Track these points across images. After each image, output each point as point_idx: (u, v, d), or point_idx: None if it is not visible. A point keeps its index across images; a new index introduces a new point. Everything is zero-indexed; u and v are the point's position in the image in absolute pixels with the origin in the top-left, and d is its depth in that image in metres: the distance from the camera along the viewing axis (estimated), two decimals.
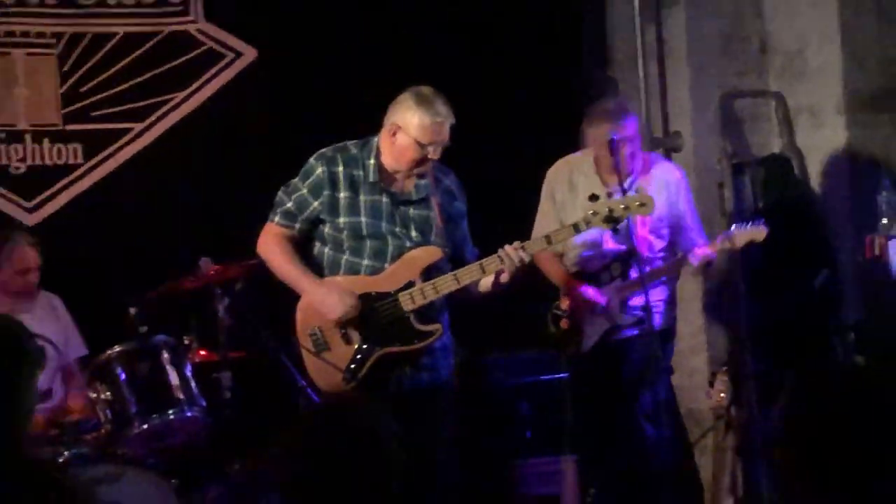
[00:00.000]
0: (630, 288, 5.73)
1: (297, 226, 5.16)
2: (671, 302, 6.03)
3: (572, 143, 6.13)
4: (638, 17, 7.05)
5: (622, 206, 5.04)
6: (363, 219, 5.12)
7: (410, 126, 4.96)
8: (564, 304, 5.94)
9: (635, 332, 5.79)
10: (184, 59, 6.97)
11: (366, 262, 5.14)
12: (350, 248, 5.15)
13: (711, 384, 6.04)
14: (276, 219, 5.17)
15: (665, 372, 6.05)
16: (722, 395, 5.93)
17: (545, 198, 6.03)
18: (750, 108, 7.06)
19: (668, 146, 6.88)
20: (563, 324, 5.90)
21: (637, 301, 5.75)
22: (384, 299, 5.05)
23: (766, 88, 7.08)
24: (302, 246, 5.24)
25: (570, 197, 5.94)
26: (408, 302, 5.02)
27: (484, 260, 5.03)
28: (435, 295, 5.02)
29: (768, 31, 7.07)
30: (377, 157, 5.09)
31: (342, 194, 5.10)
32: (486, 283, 5.08)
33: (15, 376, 2.89)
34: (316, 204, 5.11)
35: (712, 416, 6.15)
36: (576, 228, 5.09)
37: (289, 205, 5.14)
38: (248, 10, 7.07)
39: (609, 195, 5.43)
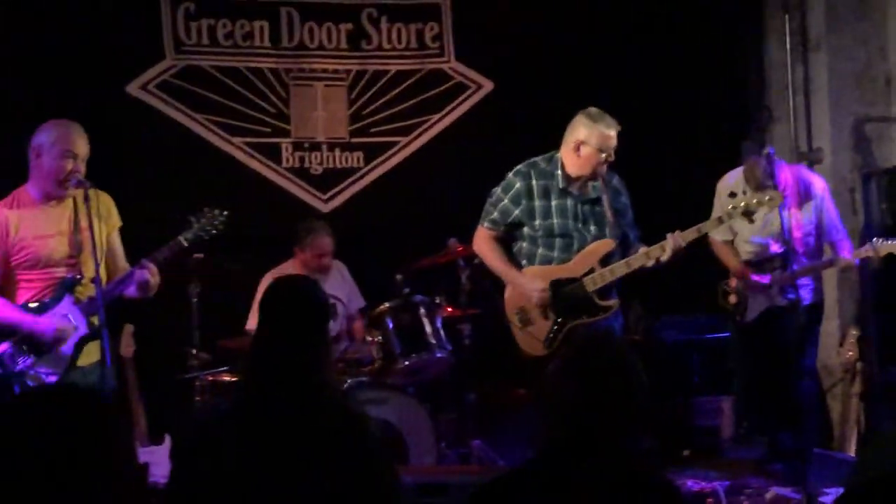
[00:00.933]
0: (787, 280, 6.09)
1: (502, 229, 5.63)
2: (819, 281, 6.43)
3: (737, 156, 6.50)
4: (789, 58, 7.77)
5: (755, 201, 5.48)
6: (555, 220, 5.54)
7: (592, 138, 5.43)
8: (733, 282, 6.39)
9: (791, 299, 6.09)
10: (439, 89, 7.91)
11: (556, 254, 5.57)
12: (543, 243, 5.58)
13: (842, 344, 6.89)
14: (486, 224, 5.67)
15: (817, 337, 6.54)
16: (850, 353, 6.73)
17: (717, 202, 6.40)
18: (877, 130, 7.59)
19: (811, 159, 7.47)
20: (731, 298, 6.39)
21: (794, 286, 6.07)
22: (572, 283, 5.51)
23: (889, 115, 7.63)
24: (505, 242, 5.69)
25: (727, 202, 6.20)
26: (590, 284, 5.48)
27: (649, 249, 5.40)
28: (611, 277, 5.47)
29: (892, 70, 7.63)
30: (562, 168, 5.53)
31: (537, 202, 5.54)
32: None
33: (322, 322, 3.23)
34: (517, 212, 5.56)
35: (841, 369, 6.95)
36: (720, 221, 5.60)
37: (494, 214, 5.62)
38: (487, 50, 7.92)
39: (744, 192, 5.88)
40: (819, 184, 6.40)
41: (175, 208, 6.28)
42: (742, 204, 5.50)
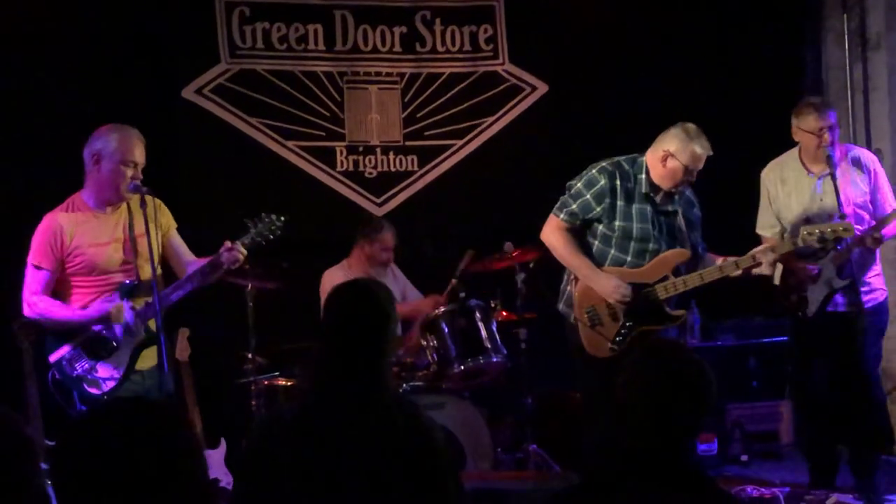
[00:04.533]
0: (841, 256, 5.88)
1: (578, 223, 5.58)
2: (880, 275, 6.21)
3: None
4: (848, 57, 7.79)
5: (830, 230, 5.48)
6: (635, 224, 5.52)
7: (683, 154, 5.41)
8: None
9: (854, 303, 5.98)
10: (493, 92, 7.89)
11: (629, 258, 5.55)
12: (618, 245, 5.55)
13: None
14: (562, 216, 5.58)
15: (882, 336, 6.34)
16: None
17: (763, 196, 6.37)
18: None
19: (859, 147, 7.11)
20: (792, 297, 6.16)
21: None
22: (645, 288, 5.50)
23: None
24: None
25: (783, 190, 6.24)
26: (663, 291, 5.48)
27: (722, 264, 5.46)
28: (684, 288, 5.50)
29: None
30: (647, 173, 5.52)
31: (619, 202, 5.50)
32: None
33: (386, 325, 3.21)
34: (598, 209, 5.51)
35: None
36: (794, 245, 5.58)
37: (573, 206, 5.54)
38: (540, 53, 7.92)
39: (814, 187, 5.98)
40: (870, 156, 6.33)
41: (230, 212, 6.41)
42: (818, 231, 5.50)
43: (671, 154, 5.45)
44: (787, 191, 6.27)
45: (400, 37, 7.79)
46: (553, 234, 5.65)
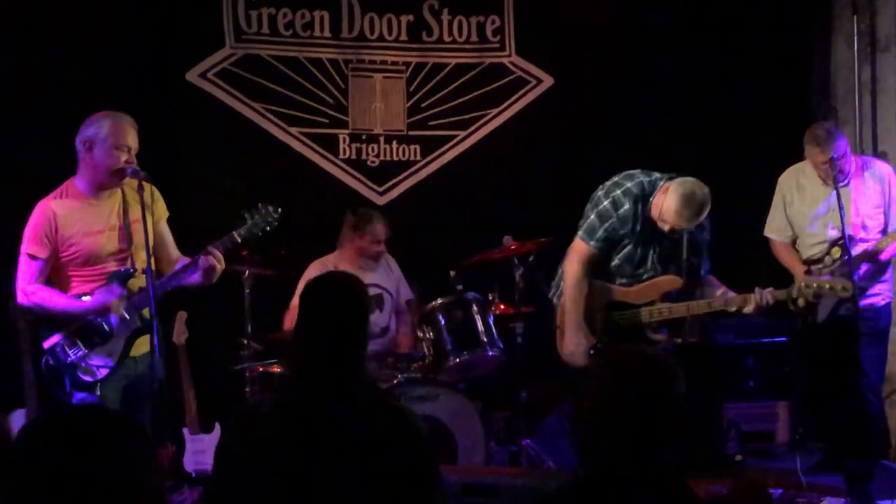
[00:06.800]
0: (847, 269, 5.83)
1: (605, 249, 5.57)
2: (887, 282, 6.26)
3: (801, 156, 6.39)
4: (856, 59, 7.71)
5: (829, 287, 5.46)
6: (636, 249, 5.58)
7: (670, 216, 5.37)
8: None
9: (865, 307, 5.97)
10: (498, 84, 7.84)
11: (621, 279, 5.64)
12: (615, 265, 5.62)
13: None
14: (591, 242, 5.54)
15: (886, 338, 6.39)
16: None
17: (777, 198, 6.44)
18: None
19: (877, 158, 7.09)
20: (801, 302, 5.78)
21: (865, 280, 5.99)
22: (629, 308, 5.56)
23: None
24: None
25: (798, 197, 6.33)
26: (646, 315, 5.53)
27: (712, 300, 5.48)
28: (669, 315, 5.51)
29: None
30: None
31: (638, 227, 5.52)
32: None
33: (362, 319, 3.21)
34: (622, 232, 5.51)
35: None
36: (789, 297, 5.49)
37: (601, 234, 5.52)
38: (547, 45, 7.90)
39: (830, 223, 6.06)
40: (885, 168, 6.35)
41: (231, 196, 6.49)
42: (815, 286, 5.48)
43: (662, 211, 5.43)
44: (802, 197, 6.34)
45: (407, 25, 7.75)
46: (575, 264, 5.63)
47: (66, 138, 5.17)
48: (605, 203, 5.53)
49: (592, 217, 5.55)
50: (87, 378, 5.02)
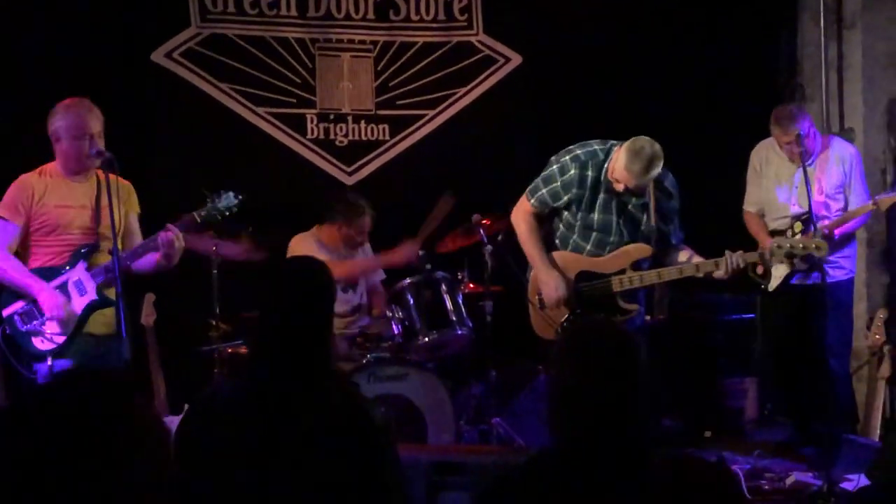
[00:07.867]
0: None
1: (546, 211, 5.76)
2: (850, 260, 6.47)
3: (767, 133, 6.58)
4: (823, 37, 7.77)
5: (802, 246, 5.59)
6: (596, 215, 5.63)
7: (622, 174, 5.46)
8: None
9: (817, 279, 6.09)
10: (466, 62, 7.82)
11: (589, 247, 5.70)
12: (580, 233, 5.69)
13: (869, 327, 6.76)
14: (532, 201, 5.72)
15: (847, 316, 6.55)
16: (877, 336, 6.63)
17: (751, 170, 6.64)
18: None
19: (843, 138, 7.16)
20: (759, 269, 6.23)
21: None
22: (599, 279, 5.64)
23: None
24: (541, 219, 5.82)
25: (767, 171, 6.54)
26: (617, 284, 5.60)
27: (700, 262, 5.53)
28: (640, 284, 5.60)
29: None
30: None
31: (586, 193, 5.60)
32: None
33: (328, 305, 3.22)
34: (566, 197, 5.64)
35: (868, 352, 6.83)
36: (762, 258, 5.64)
37: (544, 192, 5.68)
38: (515, 24, 7.88)
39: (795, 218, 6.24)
40: (849, 149, 6.55)
41: (198, 176, 6.42)
42: (788, 246, 5.59)
43: (614, 170, 5.51)
44: (770, 172, 6.55)
45: (373, 4, 7.69)
46: (521, 217, 5.79)
47: (31, 121, 5.21)
48: (553, 167, 5.67)
49: (538, 179, 5.71)
50: (43, 346, 5.14)
